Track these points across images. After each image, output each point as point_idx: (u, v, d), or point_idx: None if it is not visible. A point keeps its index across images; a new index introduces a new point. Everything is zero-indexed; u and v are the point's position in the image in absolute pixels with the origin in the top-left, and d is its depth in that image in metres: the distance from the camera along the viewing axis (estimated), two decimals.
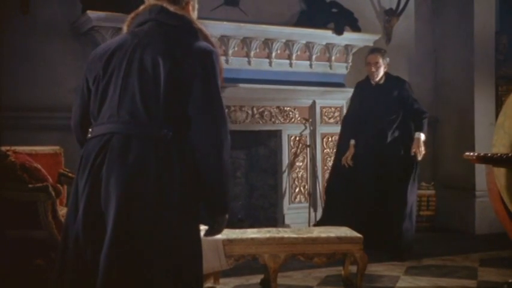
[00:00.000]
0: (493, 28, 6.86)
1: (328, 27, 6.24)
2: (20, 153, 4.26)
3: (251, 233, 4.22)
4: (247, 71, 5.95)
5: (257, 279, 4.52)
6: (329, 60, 6.35)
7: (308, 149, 6.18)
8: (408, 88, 5.66)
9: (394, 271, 4.92)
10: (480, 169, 5.90)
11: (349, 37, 6.31)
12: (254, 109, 6.01)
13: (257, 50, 5.99)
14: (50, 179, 4.15)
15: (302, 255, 4.17)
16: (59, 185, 4.22)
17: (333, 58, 6.35)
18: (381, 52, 5.65)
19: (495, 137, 4.48)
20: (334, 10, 6.34)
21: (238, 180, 6.39)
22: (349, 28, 6.35)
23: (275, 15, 6.21)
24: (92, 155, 2.18)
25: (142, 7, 2.38)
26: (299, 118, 6.19)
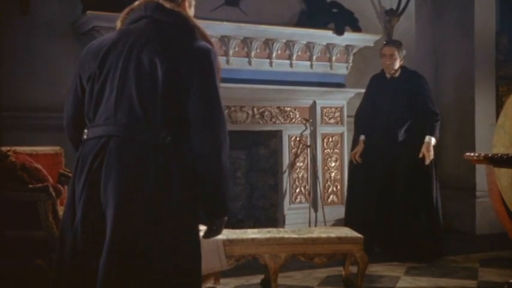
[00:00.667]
0: (493, 28, 6.86)
1: (328, 27, 6.24)
2: (20, 153, 4.26)
3: (251, 233, 4.22)
4: (247, 71, 5.95)
5: (257, 279, 4.51)
6: (329, 60, 6.35)
7: (308, 149, 6.17)
8: (425, 85, 5.44)
9: (395, 271, 4.91)
10: (481, 169, 5.89)
11: (349, 37, 6.31)
12: (254, 109, 6.01)
13: (257, 50, 5.99)
14: (50, 179, 4.16)
15: (302, 255, 4.17)
16: (59, 185, 4.22)
17: (334, 58, 6.35)
18: (397, 44, 5.48)
19: (495, 137, 4.48)
20: (334, 10, 6.33)
21: (238, 180, 6.39)
22: (349, 28, 6.35)
23: (275, 15, 6.20)
24: (89, 158, 2.14)
25: (137, 3, 2.33)
26: (299, 118, 6.19)
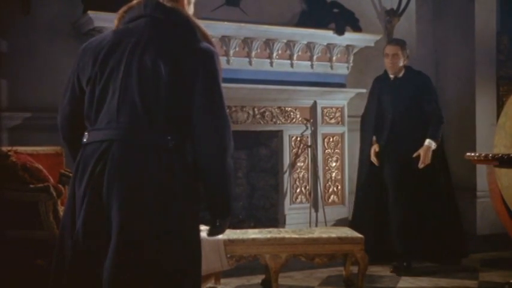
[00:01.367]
0: (494, 28, 6.86)
1: (329, 27, 6.24)
2: (21, 153, 4.26)
3: (252, 234, 4.22)
4: (248, 71, 5.95)
5: (258, 279, 4.52)
6: (330, 60, 6.35)
7: (309, 149, 6.17)
8: (430, 85, 5.19)
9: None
10: (481, 169, 5.90)
11: (350, 37, 6.30)
12: (255, 109, 6.01)
13: (258, 50, 5.99)
14: (51, 179, 4.16)
15: (303, 255, 4.17)
16: (60, 185, 4.22)
17: (334, 58, 6.35)
18: (400, 43, 5.23)
19: (496, 138, 4.48)
20: (335, 10, 6.33)
21: (239, 180, 6.39)
22: (350, 28, 6.35)
23: (276, 15, 6.20)
24: (91, 163, 2.09)
25: (136, 1, 2.26)
26: (300, 118, 6.19)
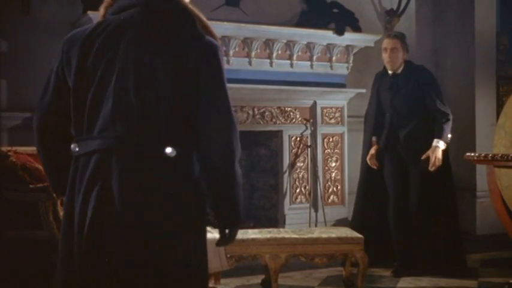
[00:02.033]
0: (494, 28, 6.86)
1: (329, 27, 6.24)
2: (21, 153, 4.26)
3: (252, 234, 4.22)
4: (248, 72, 5.95)
5: (258, 279, 4.52)
6: (330, 60, 6.35)
7: (309, 150, 6.17)
8: (432, 81, 4.86)
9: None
10: (481, 169, 5.89)
11: (350, 37, 6.30)
12: (255, 109, 6.01)
13: (258, 51, 5.99)
14: None
15: (303, 255, 4.17)
16: None
17: (334, 58, 6.35)
18: (399, 36, 4.92)
19: (496, 138, 4.48)
20: (335, 10, 6.33)
21: None
22: (350, 28, 6.35)
23: (276, 15, 6.20)
24: (86, 176, 1.90)
25: None
26: (300, 118, 6.19)
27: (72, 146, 1.96)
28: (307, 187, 6.22)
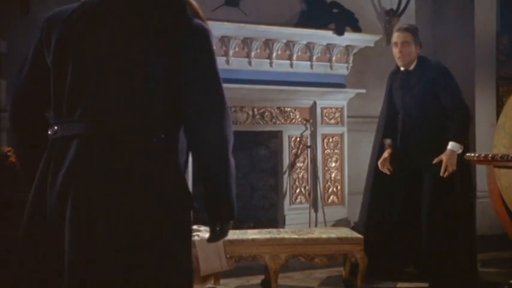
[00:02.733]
0: (494, 28, 6.86)
1: (328, 27, 6.24)
2: None
3: (252, 234, 4.22)
4: (247, 72, 5.95)
5: (258, 279, 4.51)
6: (330, 60, 6.35)
7: (309, 150, 6.17)
8: (448, 78, 4.41)
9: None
10: (481, 170, 5.89)
11: (349, 37, 6.30)
12: (255, 110, 6.01)
13: (258, 51, 5.99)
14: None
15: (303, 255, 4.17)
16: None
17: (334, 59, 6.35)
18: (411, 29, 4.51)
19: (496, 138, 4.47)
20: (334, 10, 6.33)
21: (238, 181, 6.39)
22: (349, 29, 6.35)
23: (276, 15, 6.20)
24: (66, 162, 1.78)
25: None
26: (300, 119, 6.19)
27: (50, 129, 1.86)
28: (307, 187, 6.21)
